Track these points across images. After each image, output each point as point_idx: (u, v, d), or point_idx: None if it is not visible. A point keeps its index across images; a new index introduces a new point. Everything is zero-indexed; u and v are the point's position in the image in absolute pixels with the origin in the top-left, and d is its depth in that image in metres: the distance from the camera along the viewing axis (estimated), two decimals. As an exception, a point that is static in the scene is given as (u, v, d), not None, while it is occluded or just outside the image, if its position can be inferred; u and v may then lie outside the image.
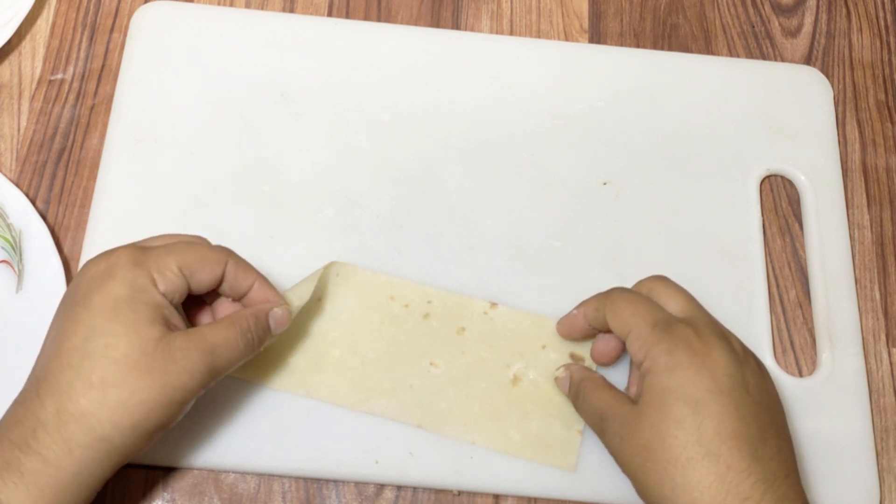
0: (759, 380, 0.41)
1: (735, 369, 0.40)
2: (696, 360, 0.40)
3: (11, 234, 0.50)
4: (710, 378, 0.39)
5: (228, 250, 0.43)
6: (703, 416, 0.38)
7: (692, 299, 0.44)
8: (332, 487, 0.47)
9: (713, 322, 0.43)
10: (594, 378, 0.46)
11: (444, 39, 0.58)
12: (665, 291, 0.44)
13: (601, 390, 0.44)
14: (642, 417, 0.40)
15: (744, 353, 0.42)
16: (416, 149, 0.54)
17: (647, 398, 0.40)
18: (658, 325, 0.41)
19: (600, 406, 0.43)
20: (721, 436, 0.38)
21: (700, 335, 0.41)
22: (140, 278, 0.39)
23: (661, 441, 0.39)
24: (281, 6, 0.59)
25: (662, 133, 0.56)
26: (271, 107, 0.55)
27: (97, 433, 0.38)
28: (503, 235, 0.53)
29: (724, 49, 0.60)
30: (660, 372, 0.40)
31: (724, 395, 0.39)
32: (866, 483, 0.48)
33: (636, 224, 0.53)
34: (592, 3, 0.61)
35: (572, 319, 0.48)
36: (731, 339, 0.42)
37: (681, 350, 0.40)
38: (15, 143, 0.54)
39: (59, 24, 0.57)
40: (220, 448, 0.47)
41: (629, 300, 0.44)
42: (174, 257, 0.41)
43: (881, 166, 0.57)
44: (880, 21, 0.62)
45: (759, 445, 0.38)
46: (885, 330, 0.53)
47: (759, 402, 0.40)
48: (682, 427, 0.38)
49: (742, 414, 0.39)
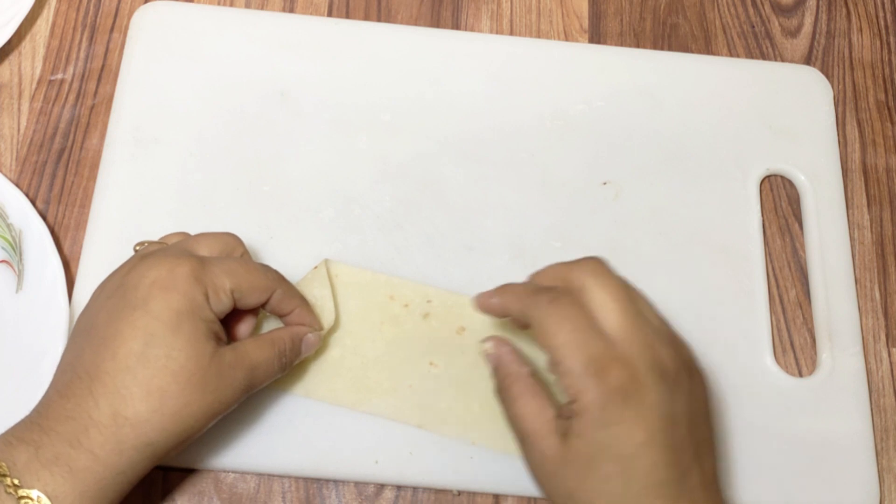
0: (687, 398, 0.40)
1: (667, 407, 0.38)
2: (630, 412, 0.38)
3: (11, 234, 0.50)
4: (642, 430, 0.38)
5: (279, 277, 0.45)
6: (631, 473, 0.38)
7: (628, 307, 0.40)
8: (332, 487, 0.47)
9: (648, 343, 0.39)
10: (521, 378, 0.42)
11: (444, 39, 0.58)
12: (596, 297, 0.40)
13: (527, 398, 0.41)
14: (568, 464, 0.39)
15: (676, 372, 0.40)
16: (415, 149, 0.54)
17: (575, 445, 0.39)
18: (590, 367, 0.38)
19: (524, 422, 0.41)
20: (648, 490, 0.38)
21: (635, 378, 0.38)
22: (199, 295, 0.40)
23: (586, 493, 0.38)
24: (281, 6, 0.59)
25: (662, 133, 0.56)
26: (271, 107, 0.55)
27: (148, 438, 0.39)
28: (503, 235, 0.53)
29: (724, 49, 0.60)
30: (592, 425, 0.38)
31: (654, 446, 0.38)
32: (866, 483, 0.48)
33: (636, 224, 0.53)
34: (592, 3, 0.61)
35: (492, 305, 0.44)
36: (664, 359, 0.39)
37: (614, 402, 0.38)
38: (15, 143, 0.54)
39: (59, 24, 0.57)
40: (220, 448, 0.47)
41: (559, 322, 0.39)
42: (230, 280, 0.42)
43: (881, 166, 0.57)
44: (880, 21, 0.62)
45: (684, 482, 0.38)
46: (885, 330, 0.53)
47: (686, 432, 0.39)
48: (609, 484, 0.38)
49: (670, 459, 0.38)
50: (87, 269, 0.50)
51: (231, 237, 0.46)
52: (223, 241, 0.45)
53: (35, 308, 0.48)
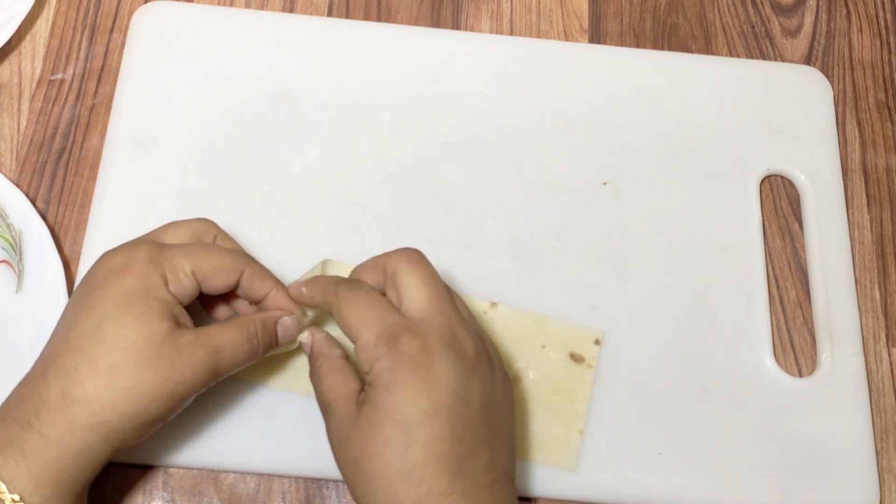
0: (486, 386, 0.40)
1: (459, 384, 0.39)
2: (418, 379, 0.38)
3: (11, 234, 0.50)
4: (427, 399, 0.38)
5: (248, 258, 0.44)
6: (412, 439, 0.38)
7: (433, 292, 0.41)
8: (332, 487, 0.47)
9: (448, 324, 0.40)
10: (331, 357, 0.43)
11: (444, 39, 0.58)
12: (406, 280, 0.41)
13: (334, 374, 0.42)
14: (356, 429, 0.39)
15: (475, 358, 0.40)
16: (415, 149, 0.54)
17: (364, 411, 0.39)
18: (383, 337, 0.39)
19: (328, 394, 0.41)
20: (426, 460, 0.38)
21: (426, 348, 0.39)
22: (154, 276, 0.40)
23: (369, 458, 0.38)
24: (281, 6, 0.59)
25: (662, 133, 0.56)
26: (271, 106, 0.55)
27: (99, 417, 0.38)
28: (503, 235, 0.53)
29: (724, 49, 0.60)
30: (381, 389, 0.39)
31: (439, 417, 0.38)
32: (866, 483, 0.48)
33: (636, 224, 0.53)
34: (592, 3, 0.61)
35: (299, 296, 0.45)
36: (463, 343, 0.40)
37: (403, 367, 0.38)
38: (15, 143, 0.54)
39: (59, 24, 0.57)
40: (220, 448, 0.47)
41: (354, 305, 0.41)
42: (189, 260, 0.41)
43: (881, 166, 0.57)
44: (880, 21, 0.62)
45: (467, 462, 0.38)
46: (885, 330, 0.53)
47: (479, 411, 0.39)
48: (389, 448, 0.38)
49: (455, 434, 0.38)
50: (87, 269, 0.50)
51: (202, 222, 0.45)
52: (192, 227, 0.45)
53: (35, 308, 0.48)
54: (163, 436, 0.46)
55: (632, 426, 0.49)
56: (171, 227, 0.45)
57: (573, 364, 0.49)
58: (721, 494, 0.47)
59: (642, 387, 0.49)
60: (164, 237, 0.44)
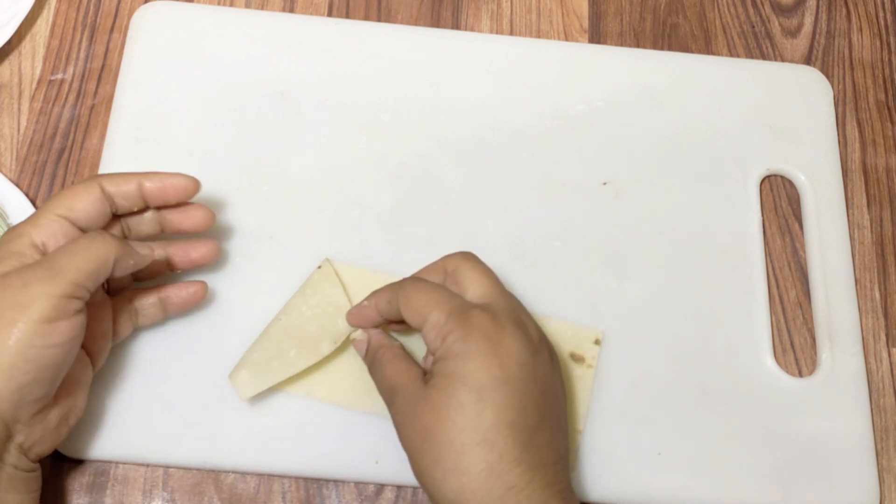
0: (548, 370, 0.42)
1: (527, 358, 0.40)
2: (489, 348, 0.39)
3: (11, 234, 0.50)
4: (498, 367, 0.39)
5: (96, 175, 0.44)
6: (485, 404, 0.39)
7: (495, 282, 0.43)
8: (332, 487, 0.47)
9: (513, 308, 0.42)
10: (392, 347, 0.45)
11: (444, 39, 0.58)
12: (468, 274, 0.43)
13: (397, 361, 0.43)
14: (427, 398, 0.40)
15: (539, 343, 0.42)
16: (415, 148, 0.54)
17: (435, 381, 0.40)
18: (454, 314, 0.41)
19: (393, 378, 0.43)
20: (499, 425, 0.38)
21: (496, 322, 0.40)
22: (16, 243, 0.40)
23: (441, 424, 0.39)
24: (281, 6, 0.59)
25: (662, 133, 0.56)
26: (271, 106, 0.55)
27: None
28: (503, 235, 0.53)
29: (724, 49, 0.60)
30: (452, 357, 0.40)
31: (509, 385, 0.39)
32: (866, 483, 0.48)
33: (636, 224, 0.53)
34: (592, 3, 0.61)
35: (364, 311, 0.46)
36: (528, 327, 0.42)
37: (474, 337, 0.40)
38: (15, 143, 0.54)
39: (59, 24, 0.57)
40: (220, 448, 0.47)
41: (423, 290, 0.42)
42: (48, 205, 0.41)
43: (881, 166, 0.57)
44: (880, 21, 0.62)
45: (535, 435, 0.39)
46: (885, 330, 0.53)
47: (543, 392, 0.41)
48: (462, 412, 0.39)
49: (524, 404, 0.39)
50: (87, 269, 0.50)
51: None
52: None
53: (35, 308, 0.48)
54: (163, 436, 0.46)
55: (632, 426, 0.49)
56: None
57: (573, 364, 0.49)
58: (721, 494, 0.47)
59: (642, 387, 0.49)
60: None
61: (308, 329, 0.47)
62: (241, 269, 0.50)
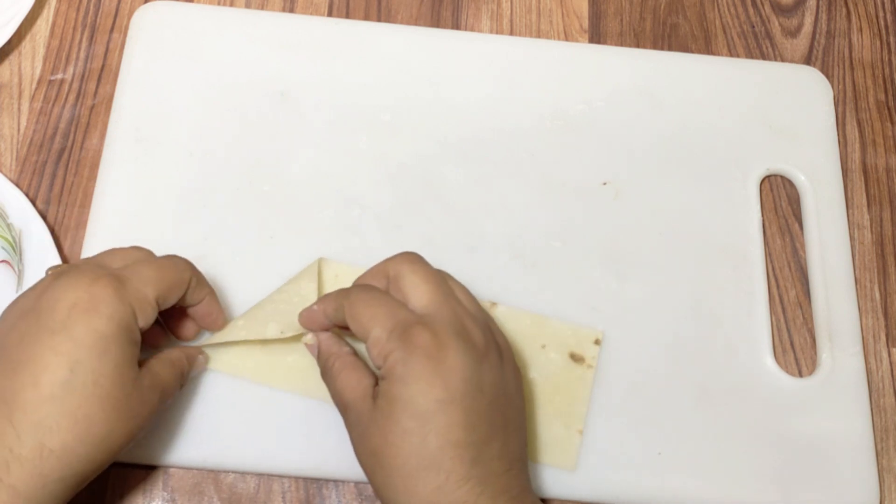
0: (497, 374, 0.41)
1: (471, 371, 0.39)
2: (430, 368, 0.39)
3: (11, 234, 0.50)
4: (442, 387, 0.39)
5: (190, 266, 0.44)
6: (429, 428, 0.38)
7: (437, 287, 0.42)
8: (332, 487, 0.47)
9: (456, 316, 0.41)
10: (342, 356, 0.44)
11: (444, 39, 0.58)
12: (410, 279, 0.42)
13: (347, 372, 0.43)
14: (374, 421, 0.40)
15: (485, 347, 0.41)
16: (415, 149, 0.54)
17: (380, 404, 0.40)
18: (395, 331, 0.40)
19: (343, 393, 0.42)
20: (445, 447, 0.38)
21: (437, 338, 0.39)
22: (126, 315, 0.39)
23: (388, 449, 0.39)
24: (281, 6, 0.59)
25: (662, 133, 0.56)
26: (271, 107, 0.55)
27: (73, 469, 0.37)
28: (503, 235, 0.53)
29: (724, 49, 0.60)
30: (394, 381, 0.39)
31: (454, 404, 0.38)
32: (866, 483, 0.48)
33: (636, 224, 0.53)
34: (592, 3, 0.61)
35: (313, 314, 0.45)
36: (472, 333, 0.41)
37: (416, 358, 0.39)
38: (15, 143, 0.54)
39: (59, 24, 0.57)
40: (220, 448, 0.47)
41: (366, 302, 0.42)
42: (152, 289, 0.41)
43: (881, 166, 0.57)
44: (880, 21, 0.62)
45: (483, 448, 0.39)
46: (885, 330, 0.53)
47: (491, 401, 0.40)
48: (407, 439, 0.38)
49: (471, 421, 0.39)
50: (87, 269, 0.50)
51: (138, 250, 0.44)
52: (136, 251, 0.44)
53: (35, 308, 0.48)
54: (163, 436, 0.46)
55: (632, 426, 0.49)
56: (112, 253, 0.43)
57: (573, 364, 0.49)
58: (721, 494, 0.47)
59: (642, 387, 0.49)
60: (109, 261, 0.42)
61: (265, 309, 0.47)
62: (241, 269, 0.50)
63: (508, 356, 0.43)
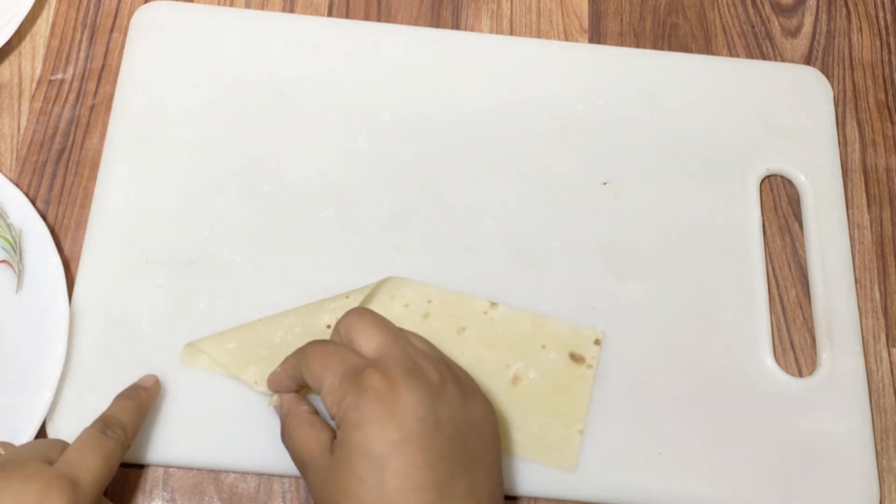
0: (457, 409, 0.40)
1: (426, 410, 0.38)
2: (383, 409, 0.38)
3: (11, 234, 0.50)
4: (396, 429, 0.38)
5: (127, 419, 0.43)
6: (386, 472, 0.37)
7: (386, 330, 0.42)
8: (332, 487, 0.47)
9: (407, 355, 0.41)
10: (299, 413, 0.43)
11: (444, 39, 0.58)
12: (358, 328, 0.42)
13: (303, 429, 0.42)
14: (331, 473, 0.39)
15: (440, 383, 0.40)
16: (415, 149, 0.54)
17: (337, 454, 0.39)
18: (346, 376, 0.40)
19: (300, 451, 0.42)
20: (404, 490, 0.37)
21: (389, 379, 0.39)
22: None
23: (346, 499, 0.38)
24: (281, 6, 0.59)
25: (662, 133, 0.56)
26: (271, 107, 0.55)
27: None
28: (503, 235, 0.53)
29: (724, 49, 0.60)
30: (349, 428, 0.39)
31: (410, 445, 0.38)
32: (866, 483, 0.48)
33: (636, 224, 0.53)
34: (592, 3, 0.61)
35: (276, 377, 0.45)
36: (426, 370, 0.40)
37: (367, 401, 0.38)
38: (15, 143, 0.54)
39: (59, 24, 0.57)
40: (220, 448, 0.47)
41: (318, 353, 0.42)
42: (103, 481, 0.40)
43: (881, 166, 0.57)
44: (880, 21, 0.62)
45: (446, 488, 0.38)
46: (885, 330, 0.53)
47: (451, 438, 0.39)
48: (364, 485, 0.38)
49: (429, 460, 0.38)
50: (87, 269, 0.50)
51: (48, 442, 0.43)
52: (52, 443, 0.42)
53: (35, 308, 0.48)
54: (163, 436, 0.46)
55: (632, 426, 0.49)
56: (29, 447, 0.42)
57: (573, 364, 0.49)
58: (721, 494, 0.47)
59: (642, 387, 0.49)
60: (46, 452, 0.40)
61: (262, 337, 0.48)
62: (241, 269, 0.50)
63: (472, 391, 0.42)
